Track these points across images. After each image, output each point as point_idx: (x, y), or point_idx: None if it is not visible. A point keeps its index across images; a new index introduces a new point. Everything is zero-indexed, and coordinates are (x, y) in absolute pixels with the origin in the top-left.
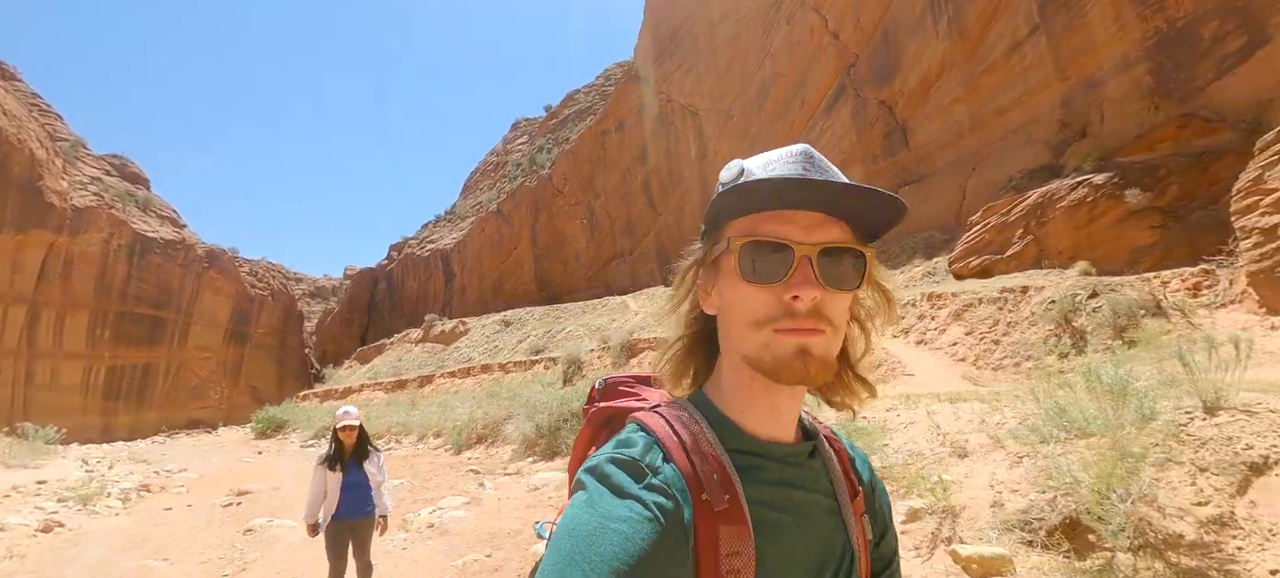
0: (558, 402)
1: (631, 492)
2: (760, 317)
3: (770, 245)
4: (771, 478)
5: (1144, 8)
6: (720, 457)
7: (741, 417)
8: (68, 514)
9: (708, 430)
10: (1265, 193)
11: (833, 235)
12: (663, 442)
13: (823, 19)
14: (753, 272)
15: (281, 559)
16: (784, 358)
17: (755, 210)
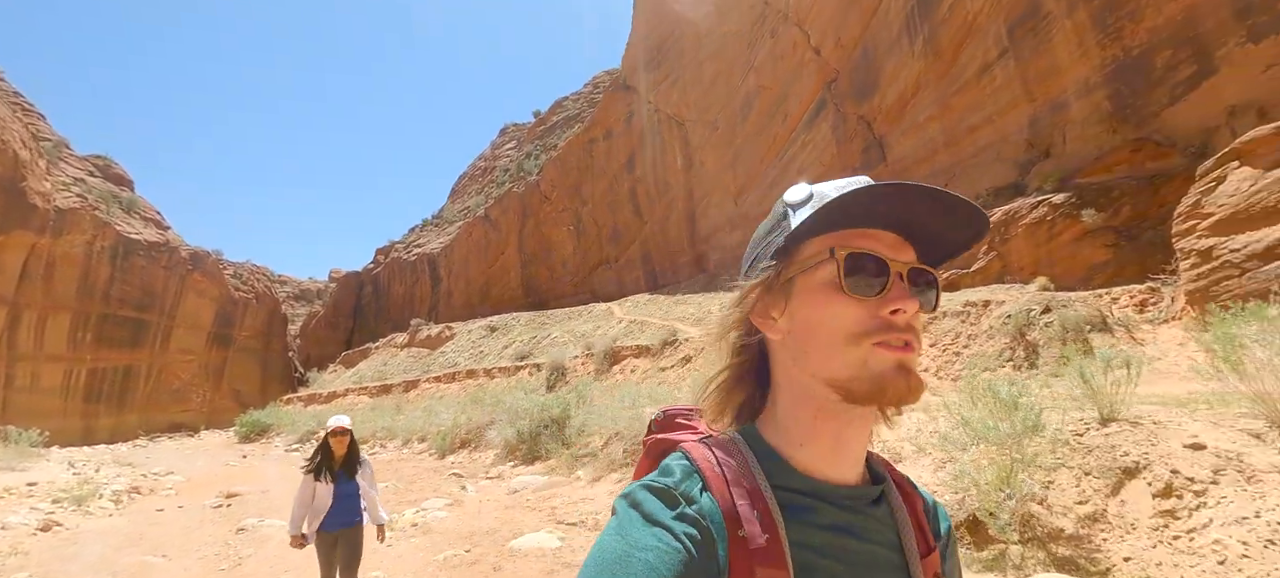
0: (538, 409)
1: (661, 520)
2: (856, 331)
3: (869, 259)
4: (824, 522)
5: (1104, 35)
6: (764, 493)
7: (796, 452)
8: (64, 515)
9: (754, 465)
10: (1202, 217)
11: (911, 256)
12: (703, 472)
13: (805, 35)
14: (858, 284)
15: (274, 555)
16: (885, 374)
17: (837, 228)
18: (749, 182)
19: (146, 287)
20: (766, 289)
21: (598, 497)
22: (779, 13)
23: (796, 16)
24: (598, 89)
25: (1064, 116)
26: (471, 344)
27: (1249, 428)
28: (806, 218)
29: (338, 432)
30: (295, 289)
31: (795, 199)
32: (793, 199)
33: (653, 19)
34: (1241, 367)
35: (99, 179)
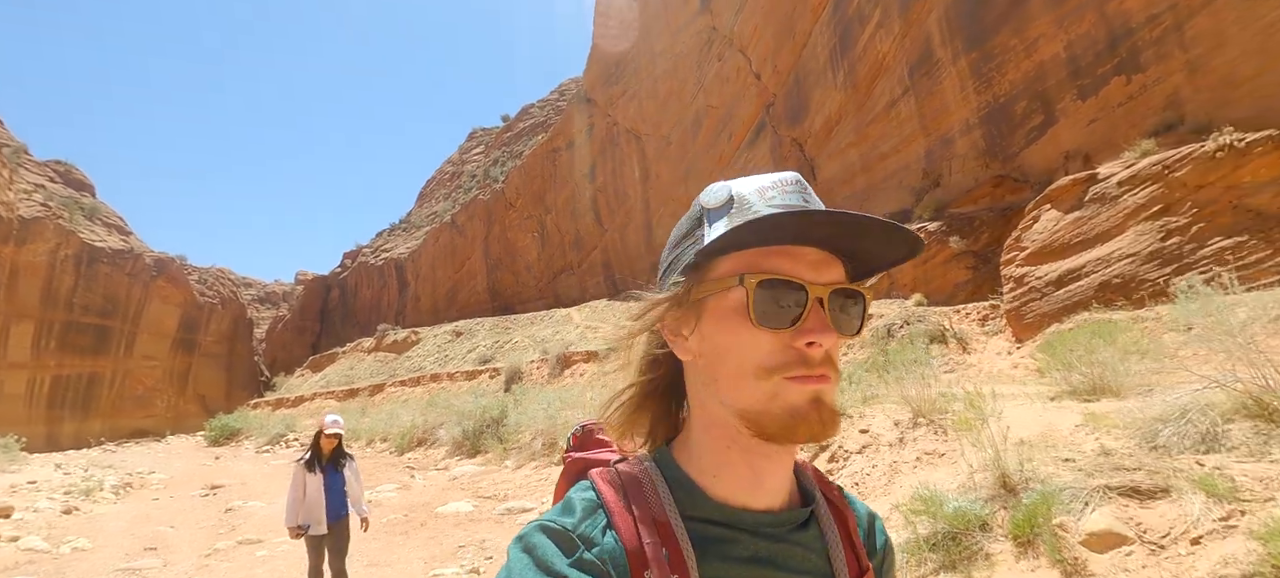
0: (480, 411)
1: (555, 569)
2: (768, 365)
3: (783, 285)
4: (742, 554)
5: (979, 82)
6: (675, 527)
7: (710, 481)
8: (78, 503)
9: (666, 495)
10: (1021, 249)
11: (837, 276)
12: (607, 506)
13: (747, 60)
14: (767, 316)
15: (261, 524)
16: (798, 409)
17: (753, 244)
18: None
19: (110, 294)
20: (676, 305)
21: (515, 478)
22: (724, 38)
23: (739, 43)
24: (563, 96)
25: (951, 151)
26: (437, 349)
27: (897, 417)
28: (720, 235)
29: (331, 433)
30: (260, 292)
31: (712, 203)
32: (709, 202)
33: (610, 37)
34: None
35: (60, 185)
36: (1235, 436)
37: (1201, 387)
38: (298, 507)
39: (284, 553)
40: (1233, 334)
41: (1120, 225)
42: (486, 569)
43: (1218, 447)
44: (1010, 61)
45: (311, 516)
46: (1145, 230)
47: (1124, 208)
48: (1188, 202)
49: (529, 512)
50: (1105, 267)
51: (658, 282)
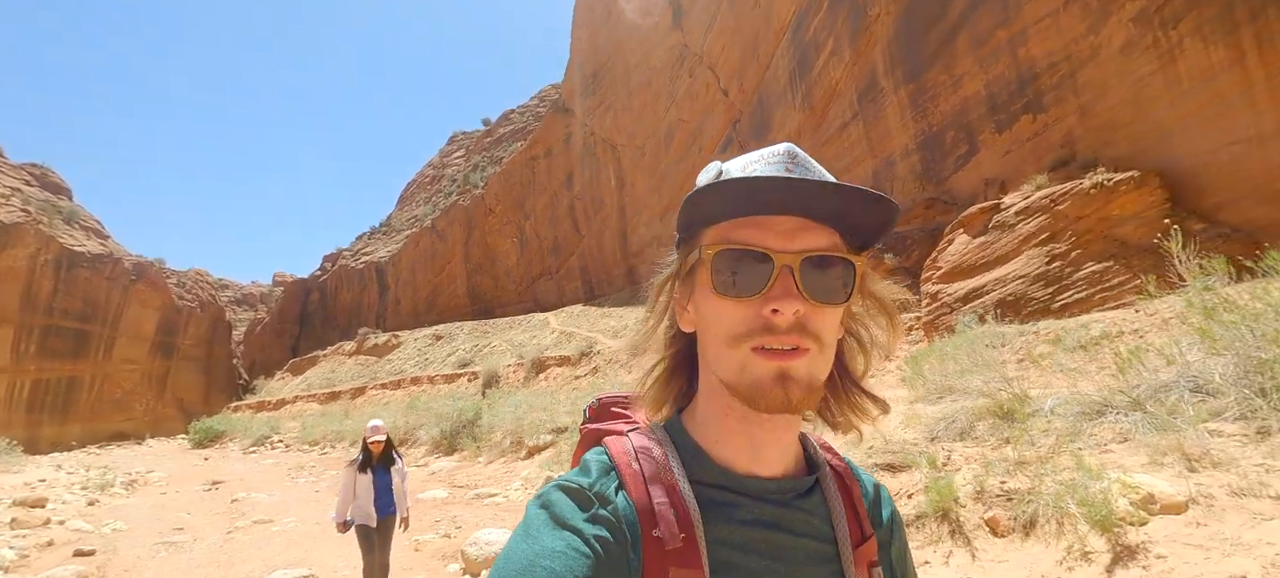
0: (457, 413)
1: (572, 523)
2: (737, 332)
3: (747, 254)
4: (747, 517)
5: (916, 112)
6: (681, 490)
7: (716, 447)
8: (95, 496)
9: (675, 460)
10: (936, 268)
11: (818, 243)
12: (620, 469)
13: (716, 77)
14: (729, 284)
15: (267, 510)
16: (762, 383)
17: (730, 215)
18: (673, 203)
19: (89, 298)
20: (676, 279)
21: (487, 471)
22: (696, 56)
23: (709, 61)
24: (543, 102)
25: (894, 172)
26: (418, 352)
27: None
28: (696, 204)
29: (375, 438)
30: (238, 294)
31: (702, 180)
32: (701, 182)
33: (588, 49)
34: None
35: (36, 189)
36: (980, 429)
37: (971, 397)
38: (347, 504)
39: (292, 529)
40: (991, 359)
41: (1016, 250)
42: (456, 536)
43: (969, 437)
44: (941, 95)
45: (362, 512)
46: (1035, 255)
47: (1019, 234)
48: (1069, 231)
49: (495, 497)
50: (1002, 286)
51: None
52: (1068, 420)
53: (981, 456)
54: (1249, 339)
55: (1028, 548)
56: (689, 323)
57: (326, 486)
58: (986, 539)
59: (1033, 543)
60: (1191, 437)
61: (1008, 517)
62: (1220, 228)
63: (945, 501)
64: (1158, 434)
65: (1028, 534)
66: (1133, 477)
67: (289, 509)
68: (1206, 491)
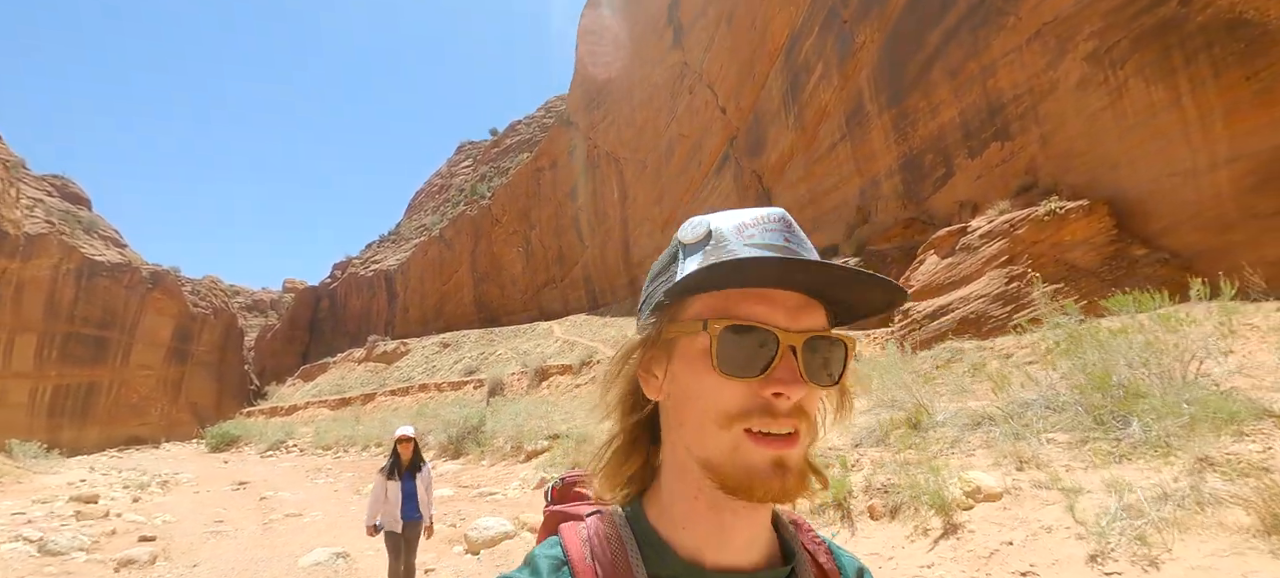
0: (463, 419)
1: None
2: (732, 411)
3: (753, 331)
4: None
5: (898, 135)
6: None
7: (677, 535)
8: (136, 494)
9: (634, 552)
10: (909, 286)
11: (818, 322)
12: (572, 564)
13: (714, 95)
14: (733, 362)
15: (295, 505)
16: (757, 470)
17: (727, 286)
18: (673, 215)
19: (109, 306)
20: (649, 345)
21: (489, 473)
22: (695, 73)
23: (708, 79)
24: (549, 114)
25: (878, 192)
26: (425, 360)
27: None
28: (692, 273)
29: (404, 440)
30: (248, 300)
31: (688, 238)
32: (686, 238)
33: (591, 65)
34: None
35: (57, 199)
36: (894, 437)
37: (893, 409)
38: (377, 508)
39: (321, 521)
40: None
41: (979, 271)
42: (460, 526)
43: (883, 443)
44: (920, 120)
45: (390, 518)
46: (995, 276)
47: (982, 256)
48: (1026, 254)
49: (495, 495)
50: (966, 304)
51: (638, 316)
52: (955, 430)
53: (882, 459)
54: (1086, 367)
55: (891, 527)
56: (656, 392)
57: (345, 485)
58: (866, 522)
59: (896, 524)
60: (1031, 445)
61: (882, 505)
62: (1160, 253)
63: (841, 494)
64: (1011, 442)
65: (893, 517)
66: (969, 474)
67: (314, 505)
68: (1019, 484)
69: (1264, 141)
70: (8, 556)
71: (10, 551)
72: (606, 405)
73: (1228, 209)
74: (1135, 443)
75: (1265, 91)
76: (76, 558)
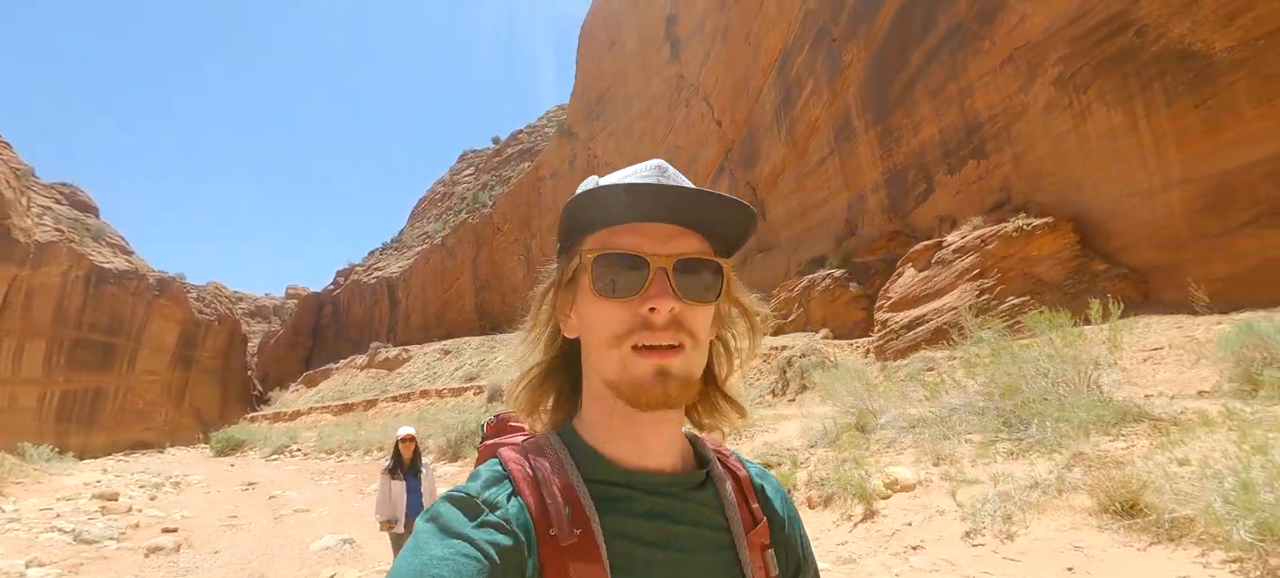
0: (461, 424)
1: (460, 531)
2: (617, 332)
3: (624, 259)
4: (641, 510)
5: (883, 151)
6: (576, 489)
7: (605, 446)
8: (153, 494)
9: (568, 462)
10: (887, 298)
11: (689, 247)
12: (512, 475)
13: (710, 108)
14: (609, 287)
15: (301, 502)
16: (642, 380)
17: (608, 223)
18: None
19: (116, 313)
20: (557, 287)
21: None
22: (692, 87)
23: (704, 92)
24: (551, 122)
25: (865, 206)
26: (427, 366)
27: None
28: (573, 212)
29: (406, 439)
30: (251, 306)
31: (578, 192)
32: (579, 192)
33: (591, 76)
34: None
35: (66, 207)
36: (843, 438)
37: (848, 413)
38: (386, 505)
39: (329, 516)
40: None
41: (952, 283)
42: None
43: (835, 444)
44: (904, 137)
45: (395, 515)
46: (967, 289)
47: (956, 270)
48: (996, 268)
49: None
50: (940, 315)
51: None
52: (893, 432)
53: (826, 457)
54: (1004, 377)
55: (823, 514)
56: (572, 329)
57: (349, 486)
58: (805, 510)
59: (827, 511)
60: (951, 444)
61: (818, 496)
62: (1120, 268)
63: (787, 487)
64: (936, 442)
65: (826, 506)
66: (892, 469)
67: (321, 503)
68: (931, 477)
69: (1212, 166)
70: (47, 544)
71: (49, 539)
72: (526, 346)
73: (1180, 229)
74: (1032, 443)
75: (1212, 119)
76: (108, 546)
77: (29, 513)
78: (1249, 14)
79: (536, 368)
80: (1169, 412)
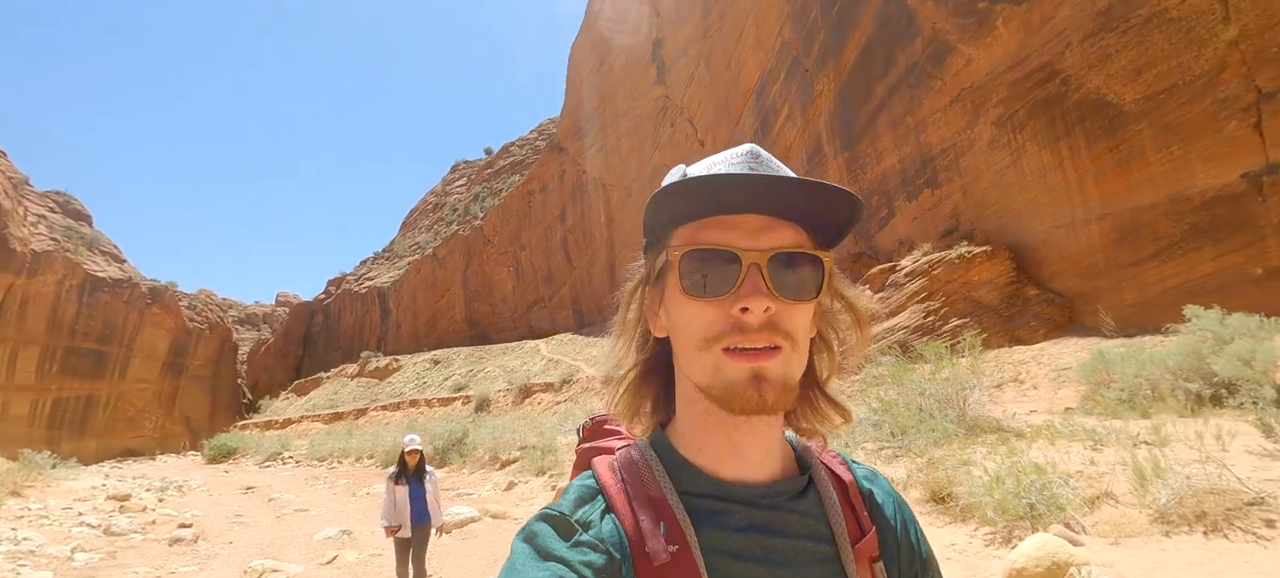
0: (448, 433)
1: (556, 554)
2: (707, 334)
3: (714, 254)
4: (738, 524)
5: (851, 176)
6: (671, 504)
7: (698, 456)
8: (160, 496)
9: (661, 474)
10: None
11: (785, 239)
12: (606, 491)
13: (694, 128)
14: (698, 285)
15: (298, 503)
16: (736, 385)
17: (695, 216)
18: None
19: (109, 320)
20: (646, 284)
21: (470, 479)
22: (676, 107)
23: (688, 113)
24: (542, 136)
25: None
26: (416, 376)
27: None
28: (660, 206)
29: (411, 451)
30: (241, 313)
31: (668, 183)
32: (666, 182)
33: (581, 95)
34: None
35: (60, 215)
36: None
37: None
38: (391, 511)
39: (326, 514)
40: None
41: (903, 305)
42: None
43: None
44: (868, 164)
45: (399, 520)
46: (916, 310)
47: (907, 292)
48: (941, 291)
49: (470, 494)
50: (892, 334)
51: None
52: None
53: None
54: (890, 396)
55: None
56: (661, 329)
57: (342, 489)
58: None
59: None
60: (850, 451)
61: None
62: (1049, 294)
63: None
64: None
65: None
66: None
67: (318, 504)
68: None
69: (1123, 203)
70: (80, 536)
71: (80, 532)
72: (619, 349)
73: (1098, 259)
74: (905, 450)
75: (1123, 161)
76: (135, 538)
77: (55, 511)
78: (1152, 71)
79: (632, 371)
80: (1013, 426)
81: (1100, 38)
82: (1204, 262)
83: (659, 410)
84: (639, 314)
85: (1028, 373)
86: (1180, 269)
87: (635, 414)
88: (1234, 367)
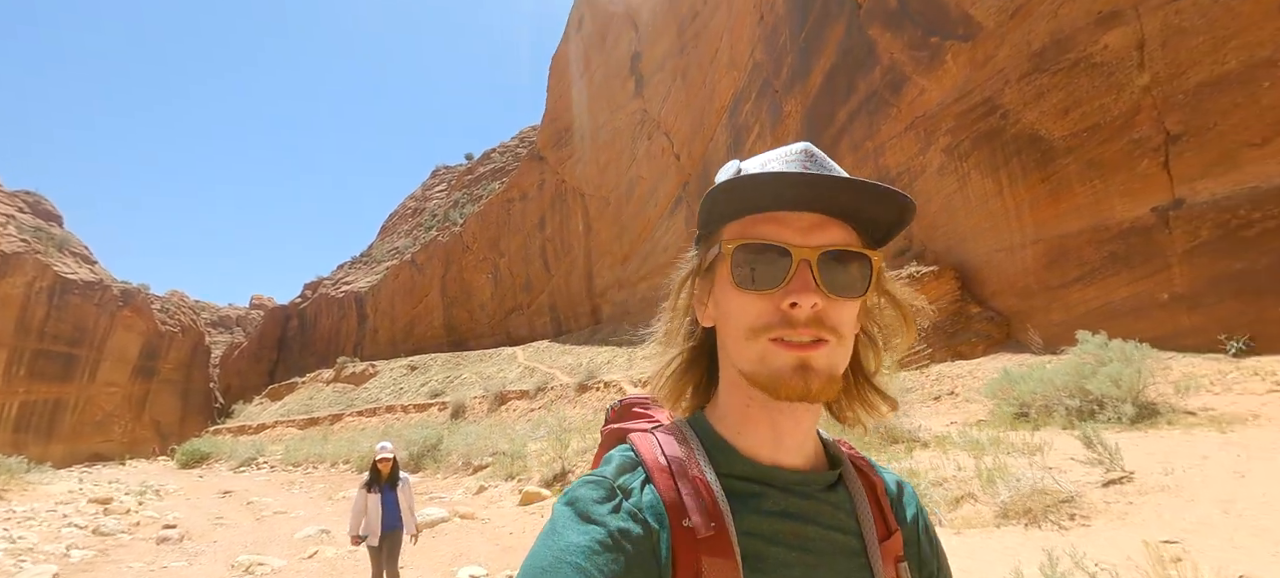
0: (423, 439)
1: (597, 517)
2: (756, 325)
3: (766, 249)
4: (773, 508)
5: None
6: (710, 482)
7: (738, 439)
8: (140, 499)
9: (700, 453)
10: None
11: (834, 238)
12: (646, 463)
13: (670, 142)
14: (748, 278)
15: (276, 506)
16: (782, 373)
17: (748, 212)
18: (631, 250)
19: (79, 323)
20: (696, 275)
21: (443, 484)
22: (653, 121)
23: (665, 127)
24: (523, 143)
25: None
26: (393, 382)
27: None
28: (715, 201)
29: (382, 459)
30: (214, 316)
31: (722, 178)
32: (720, 178)
33: (561, 103)
34: None
35: (29, 216)
36: None
37: None
38: (359, 519)
39: (304, 517)
40: None
41: None
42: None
43: None
44: None
45: (370, 528)
46: None
47: None
48: None
49: (443, 498)
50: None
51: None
52: None
53: None
54: None
55: None
56: (708, 318)
57: (319, 493)
58: None
59: None
60: None
61: None
62: (990, 312)
63: None
64: None
65: None
66: None
67: (296, 507)
68: None
69: (1053, 230)
70: (70, 536)
71: (69, 532)
72: (667, 335)
73: (1031, 281)
74: None
75: (1053, 192)
76: (123, 538)
77: (41, 512)
78: (1078, 110)
79: (679, 358)
80: (921, 436)
81: (1034, 77)
82: (1120, 286)
83: (699, 396)
84: (688, 303)
85: (963, 387)
86: (1100, 293)
87: (679, 398)
88: (1105, 386)
